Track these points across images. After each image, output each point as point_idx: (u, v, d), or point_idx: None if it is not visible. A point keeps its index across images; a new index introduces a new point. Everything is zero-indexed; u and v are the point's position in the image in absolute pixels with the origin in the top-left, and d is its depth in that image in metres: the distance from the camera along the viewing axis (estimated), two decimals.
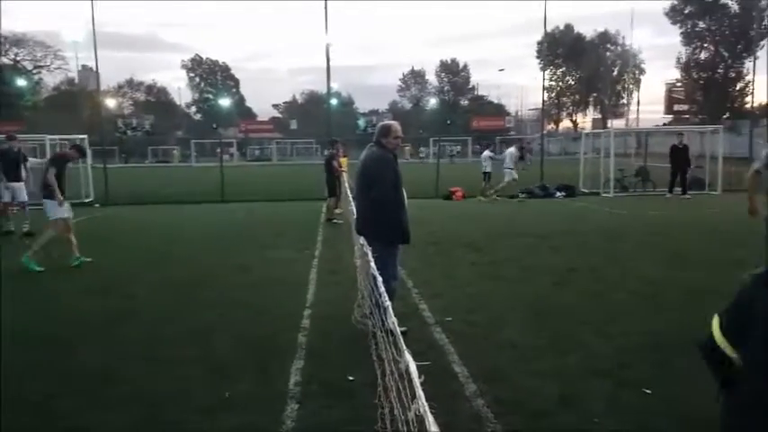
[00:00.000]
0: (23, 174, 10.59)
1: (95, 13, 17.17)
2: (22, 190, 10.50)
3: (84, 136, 18.10)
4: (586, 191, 17.13)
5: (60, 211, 7.59)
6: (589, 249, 8.37)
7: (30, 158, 14.54)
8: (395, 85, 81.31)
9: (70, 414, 3.35)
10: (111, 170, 17.63)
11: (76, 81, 65.82)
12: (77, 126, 34.39)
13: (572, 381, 3.73)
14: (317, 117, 55.94)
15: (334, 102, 23.74)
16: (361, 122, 52.89)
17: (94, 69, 20.73)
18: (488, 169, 16.10)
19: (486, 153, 16.63)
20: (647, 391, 3.54)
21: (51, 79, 67.97)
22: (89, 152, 17.83)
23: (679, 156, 15.12)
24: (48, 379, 3.85)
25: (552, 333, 4.70)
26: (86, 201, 16.15)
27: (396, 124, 4.82)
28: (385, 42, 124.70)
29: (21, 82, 57.67)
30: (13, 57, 64.17)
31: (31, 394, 3.60)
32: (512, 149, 16.05)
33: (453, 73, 78.43)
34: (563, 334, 4.66)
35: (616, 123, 57.04)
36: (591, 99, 74.21)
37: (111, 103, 63.78)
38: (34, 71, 65.92)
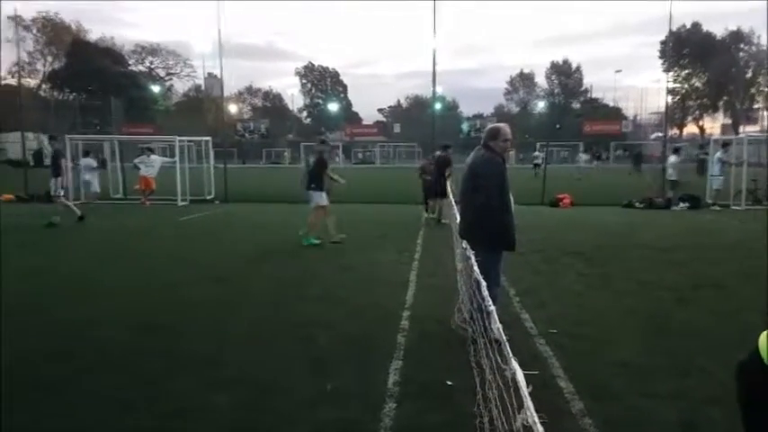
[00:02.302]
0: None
1: (221, 24, 18.56)
2: (57, 185, 11.57)
3: (209, 138, 19.66)
4: (713, 202, 15.61)
5: (323, 199, 9.14)
6: (717, 265, 7.60)
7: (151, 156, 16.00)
8: (501, 88, 79.68)
9: (181, 394, 3.59)
10: (230, 170, 18.92)
11: (203, 88, 71.69)
12: (202, 129, 37.36)
13: (693, 406, 3.39)
14: (421, 121, 56.23)
15: (438, 106, 23.68)
16: (465, 126, 52.29)
17: (219, 77, 22.45)
18: (674, 177, 14.89)
19: (673, 159, 15.28)
20: None
21: (181, 86, 74.71)
22: (211, 153, 19.37)
23: None
24: (168, 361, 4.15)
25: (672, 353, 4.30)
26: (208, 198, 17.48)
27: (505, 127, 4.68)
28: (492, 45, 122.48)
29: (154, 88, 63.85)
30: (148, 65, 71.34)
31: (148, 374, 3.90)
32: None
33: (565, 75, 75.28)
34: (685, 355, 4.25)
35: (749, 129, 51.52)
36: (720, 103, 67.77)
37: (232, 108, 68.67)
38: (166, 78, 72.78)
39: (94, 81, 58.95)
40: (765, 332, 1.18)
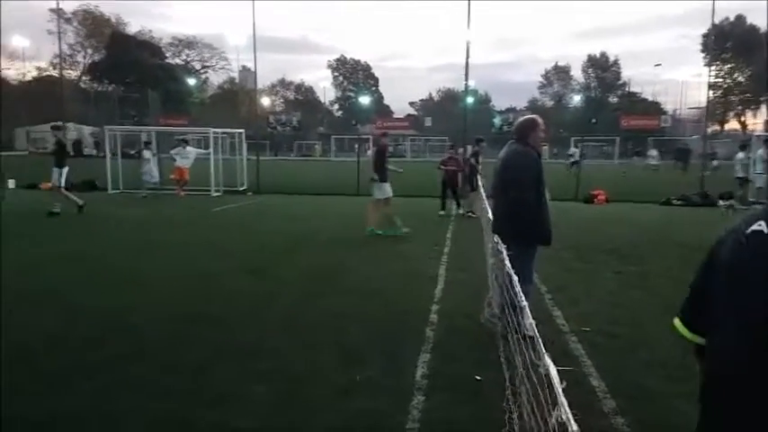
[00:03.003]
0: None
1: (256, 18, 18.69)
2: (62, 175, 11.16)
3: (242, 130, 19.93)
4: (755, 200, 15.06)
5: (385, 191, 9.31)
6: None
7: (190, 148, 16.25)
8: (535, 81, 78.23)
9: (221, 383, 3.67)
10: (262, 162, 19.14)
11: (237, 80, 72.71)
12: (236, 121, 37.92)
13: None
14: (452, 114, 55.85)
15: (470, 99, 23.46)
16: (497, 120, 51.66)
17: (253, 70, 22.69)
18: (741, 174, 13.96)
19: (741, 155, 14.35)
20: None
21: (216, 78, 75.81)
22: (244, 145, 19.63)
23: None
24: (203, 350, 4.24)
25: None
26: (241, 189, 17.74)
27: (539, 118, 4.60)
28: (527, 37, 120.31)
29: (190, 81, 64.95)
30: (184, 58, 72.63)
31: (189, 363, 3.99)
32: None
33: (602, 68, 73.51)
34: None
35: None
36: (764, 98, 65.23)
37: (265, 101, 69.38)
38: (202, 71, 73.97)
39: (133, 73, 60.33)
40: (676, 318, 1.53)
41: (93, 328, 4.69)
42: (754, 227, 1.21)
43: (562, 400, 1.56)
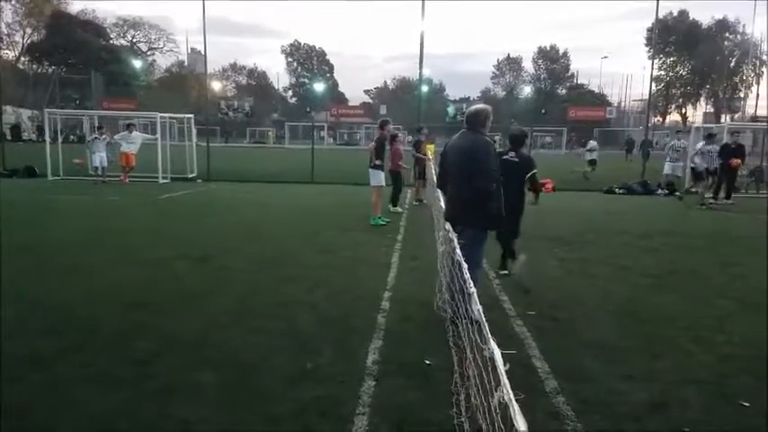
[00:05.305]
0: None
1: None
2: None
3: (191, 115, 19.35)
4: (693, 190, 15.86)
5: (380, 180, 9.59)
6: (693, 252, 7.78)
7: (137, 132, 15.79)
8: (488, 72, 79.53)
9: (166, 373, 3.60)
10: (212, 149, 18.69)
11: (186, 64, 70.43)
12: (185, 106, 36.80)
13: (664, 387, 3.51)
14: (407, 103, 56.07)
15: (424, 89, 23.59)
16: (451, 110, 52.31)
17: (202, 53, 22.04)
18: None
19: (700, 145, 14.30)
20: (746, 404, 3.28)
21: (164, 61, 73.20)
22: (194, 131, 19.09)
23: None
24: (151, 340, 4.15)
25: (646, 336, 4.43)
26: (190, 176, 17.29)
27: (489, 108, 4.72)
28: (481, 28, 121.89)
29: (136, 63, 62.40)
30: (130, 39, 69.68)
31: (133, 353, 3.90)
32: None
33: (552, 60, 75.36)
34: (658, 338, 4.38)
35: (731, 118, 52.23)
36: (703, 91, 68.57)
37: (216, 85, 67.53)
38: (148, 53, 71.19)
39: (75, 54, 57.56)
40: None
41: (47, 319, 4.54)
42: (506, 156, 5.80)
43: (505, 381, 1.63)
